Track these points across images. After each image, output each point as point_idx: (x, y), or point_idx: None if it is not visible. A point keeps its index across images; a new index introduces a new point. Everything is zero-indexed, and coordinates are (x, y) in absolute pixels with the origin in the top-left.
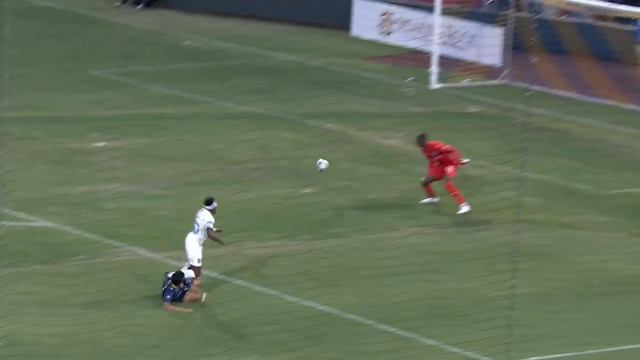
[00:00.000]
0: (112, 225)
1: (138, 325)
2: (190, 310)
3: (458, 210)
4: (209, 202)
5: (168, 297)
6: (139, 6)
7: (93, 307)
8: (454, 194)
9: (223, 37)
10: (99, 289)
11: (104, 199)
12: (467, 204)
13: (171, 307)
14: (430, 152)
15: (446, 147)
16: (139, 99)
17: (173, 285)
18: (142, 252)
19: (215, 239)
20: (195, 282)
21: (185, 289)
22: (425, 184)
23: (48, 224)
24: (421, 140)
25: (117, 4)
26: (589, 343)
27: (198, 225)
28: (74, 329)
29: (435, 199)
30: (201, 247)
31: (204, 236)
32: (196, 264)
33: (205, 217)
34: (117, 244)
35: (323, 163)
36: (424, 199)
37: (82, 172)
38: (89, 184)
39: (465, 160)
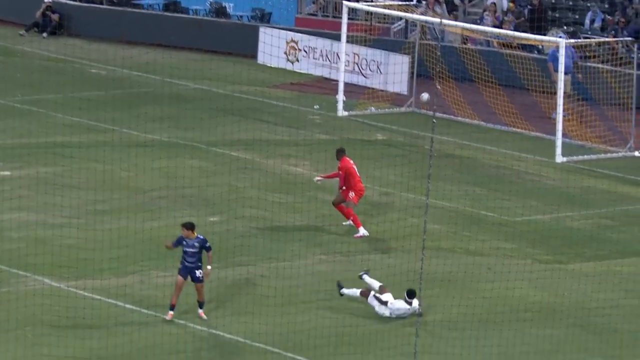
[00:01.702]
0: (18, 255)
1: (43, 355)
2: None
3: (355, 233)
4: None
5: (176, 242)
6: (44, 34)
7: None
8: (352, 219)
9: (129, 65)
10: (4, 319)
11: (9, 228)
12: (365, 229)
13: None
14: (339, 169)
15: (344, 174)
16: (44, 127)
17: (182, 229)
18: (48, 281)
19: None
20: None
21: None
22: (336, 205)
23: None
24: (337, 153)
25: (22, 32)
26: None
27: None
28: None
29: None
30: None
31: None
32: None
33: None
34: (22, 273)
35: (425, 96)
36: (344, 222)
37: None
38: None
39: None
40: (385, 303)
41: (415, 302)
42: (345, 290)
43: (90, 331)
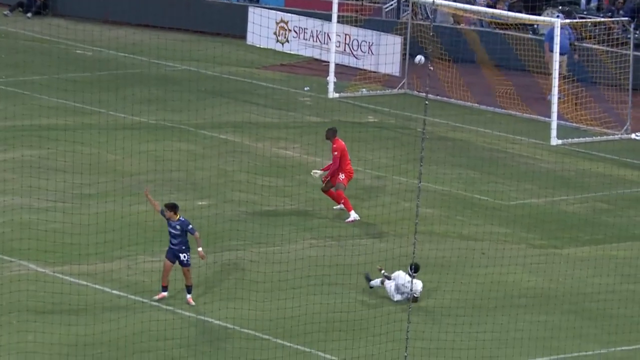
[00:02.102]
0: (2, 240)
1: (28, 341)
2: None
3: (347, 218)
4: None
5: (162, 212)
6: (29, 14)
7: None
8: (343, 202)
9: (115, 46)
10: None
11: None
12: (356, 213)
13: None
14: (334, 150)
15: (340, 155)
16: (29, 109)
17: (165, 210)
18: (33, 267)
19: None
20: None
21: None
22: (325, 191)
23: None
24: (329, 133)
25: (6, 12)
26: (487, 356)
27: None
28: None
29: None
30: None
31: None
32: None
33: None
34: (7, 258)
35: (420, 58)
36: (334, 206)
37: None
38: None
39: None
40: (389, 277)
41: (419, 282)
42: (373, 282)
43: (76, 317)
